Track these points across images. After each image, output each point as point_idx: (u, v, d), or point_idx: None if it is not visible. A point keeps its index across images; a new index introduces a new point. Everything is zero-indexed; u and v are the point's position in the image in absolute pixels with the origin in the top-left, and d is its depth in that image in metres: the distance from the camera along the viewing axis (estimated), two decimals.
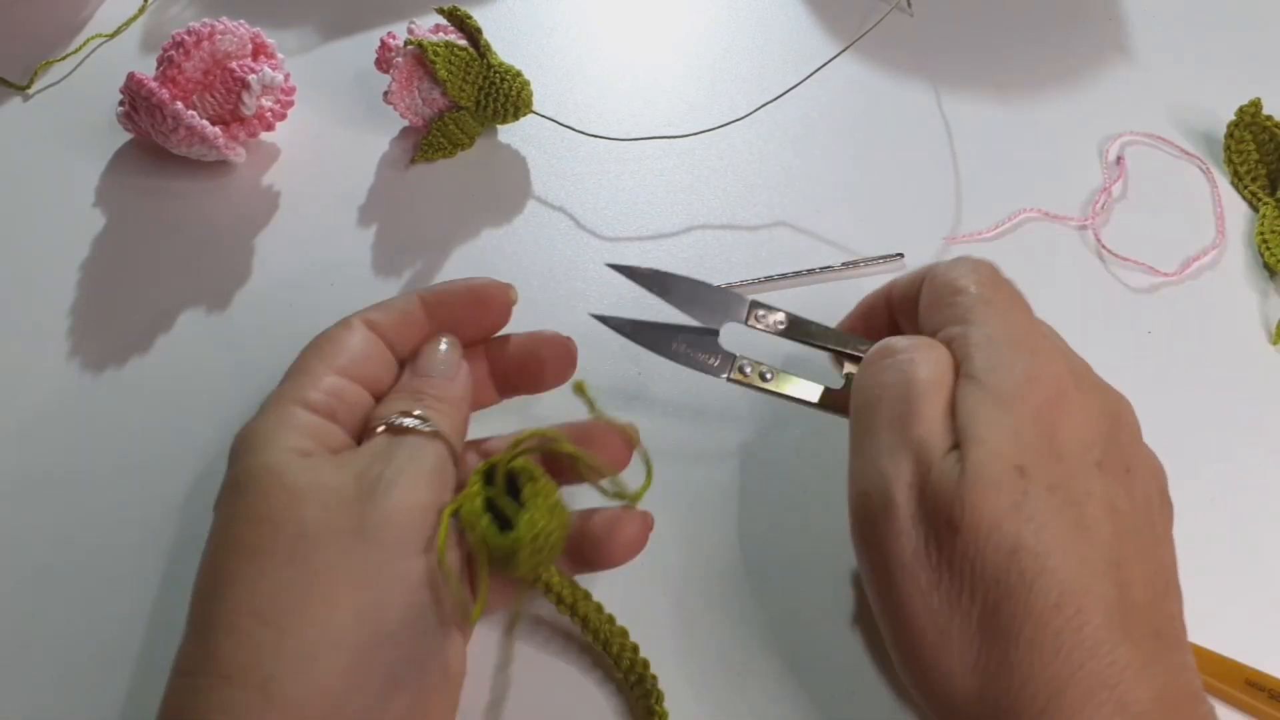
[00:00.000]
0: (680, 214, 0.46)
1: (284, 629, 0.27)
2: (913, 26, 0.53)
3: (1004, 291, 0.33)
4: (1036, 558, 0.26)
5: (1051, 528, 0.27)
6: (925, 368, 0.30)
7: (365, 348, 0.33)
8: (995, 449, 0.27)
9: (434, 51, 0.43)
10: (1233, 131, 0.48)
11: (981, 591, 0.26)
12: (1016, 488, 0.27)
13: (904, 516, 0.28)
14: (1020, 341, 0.30)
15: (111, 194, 0.45)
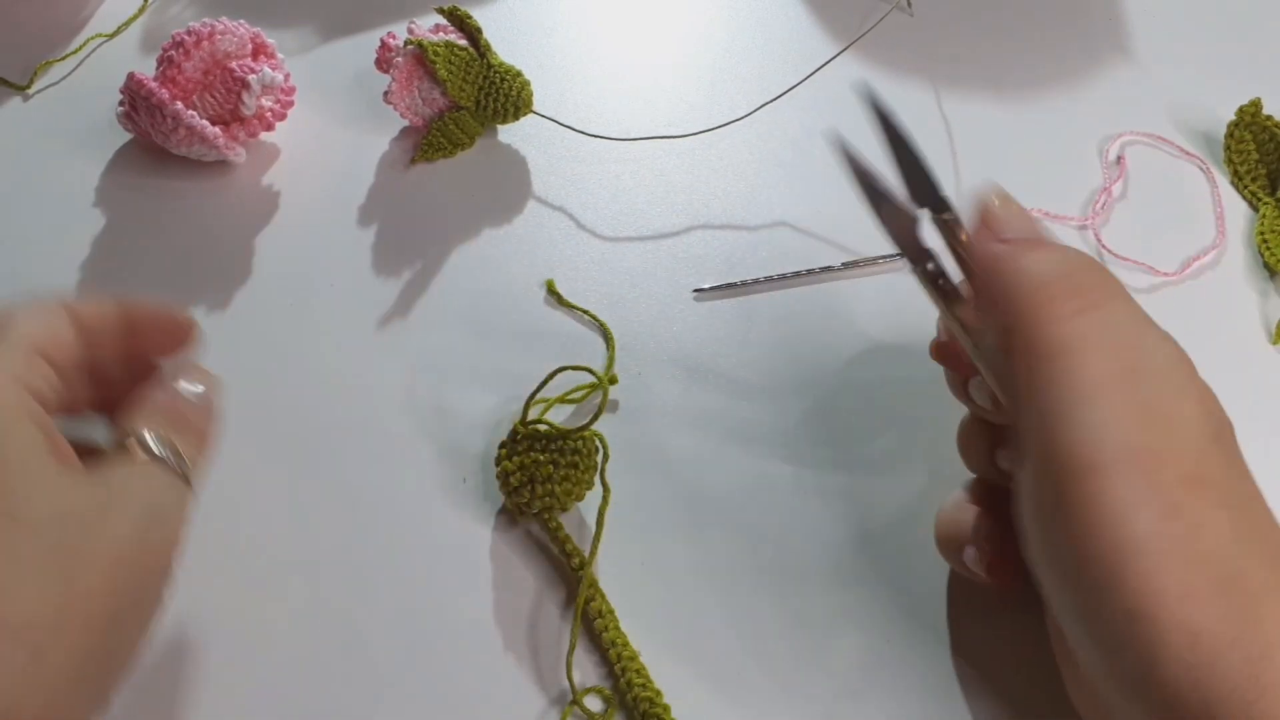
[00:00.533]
0: (680, 214, 0.46)
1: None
2: (913, 26, 0.53)
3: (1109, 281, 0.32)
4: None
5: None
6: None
7: (65, 328, 0.31)
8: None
9: (434, 51, 0.43)
10: (1233, 131, 0.48)
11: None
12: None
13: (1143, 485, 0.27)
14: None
15: (111, 194, 0.45)
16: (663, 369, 0.41)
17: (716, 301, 0.43)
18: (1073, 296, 0.29)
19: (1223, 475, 0.28)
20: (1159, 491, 0.26)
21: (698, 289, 0.43)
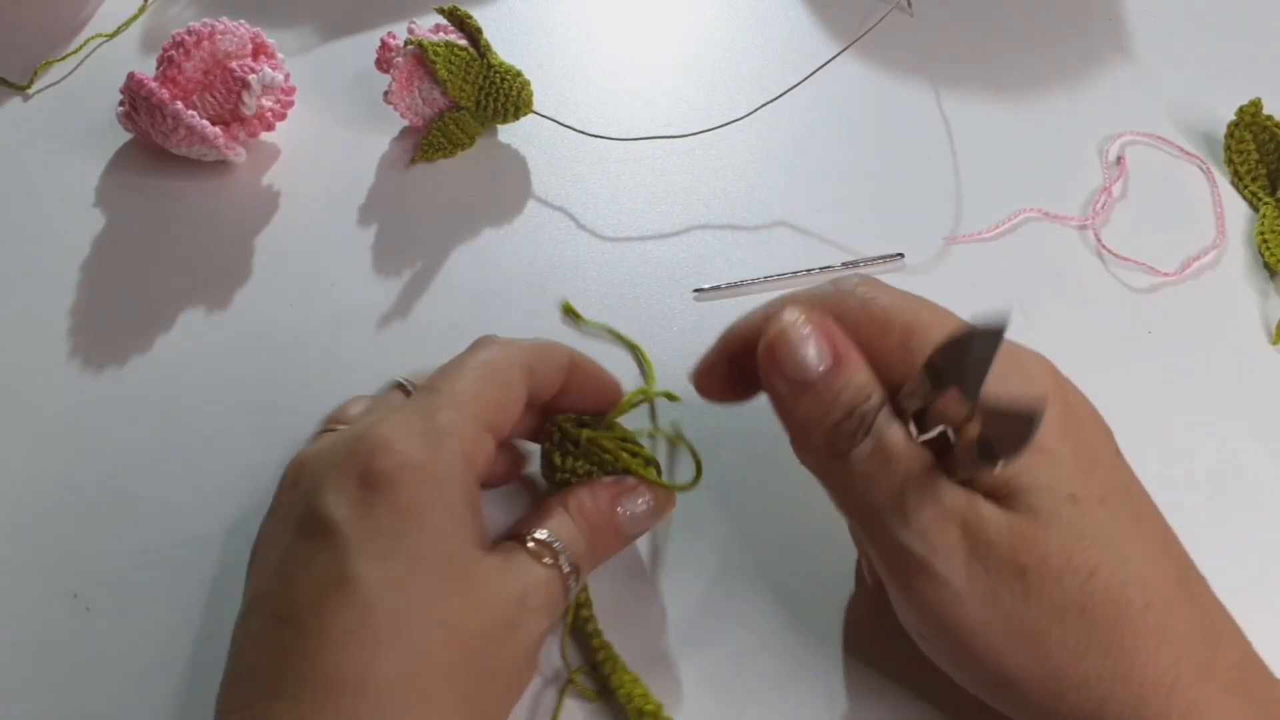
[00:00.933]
0: (680, 214, 0.46)
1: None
2: (913, 26, 0.53)
3: (934, 309, 0.30)
4: (1114, 572, 0.26)
5: (1116, 537, 0.27)
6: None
7: (521, 404, 0.32)
8: (1044, 486, 0.27)
9: (434, 51, 0.43)
10: (1233, 131, 0.48)
11: (1069, 618, 0.26)
12: (1074, 515, 0.27)
13: (958, 583, 0.27)
14: (1006, 365, 0.28)
15: (111, 194, 0.45)
16: (663, 369, 0.41)
17: (716, 301, 0.43)
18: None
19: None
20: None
21: (698, 289, 0.43)
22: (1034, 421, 0.24)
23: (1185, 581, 0.28)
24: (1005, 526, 0.26)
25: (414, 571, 0.27)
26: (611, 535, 0.32)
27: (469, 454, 0.29)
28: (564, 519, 0.31)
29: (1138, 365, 0.42)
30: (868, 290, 0.30)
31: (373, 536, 0.27)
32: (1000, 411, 0.25)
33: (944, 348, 0.27)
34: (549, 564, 0.30)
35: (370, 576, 0.26)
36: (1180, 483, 0.39)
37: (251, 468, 0.38)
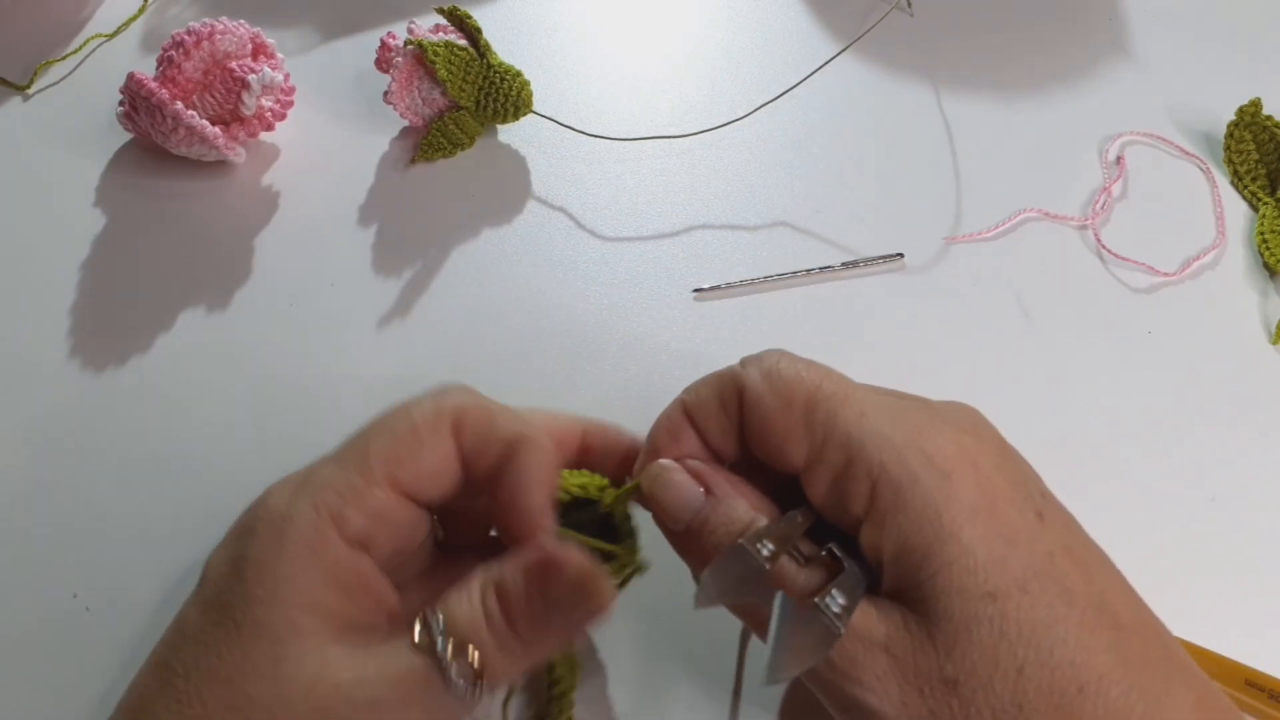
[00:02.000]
0: (680, 214, 0.46)
1: None
2: (913, 26, 0.53)
3: (837, 379, 0.28)
4: (1042, 664, 0.25)
5: (1043, 623, 0.25)
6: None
7: (443, 464, 0.28)
8: (957, 588, 0.25)
9: (434, 51, 0.43)
10: (1233, 131, 0.48)
11: (1004, 714, 0.25)
12: (994, 614, 0.25)
13: (894, 712, 0.26)
14: (906, 433, 0.27)
15: (111, 194, 0.45)
16: (663, 369, 0.41)
17: (716, 301, 0.43)
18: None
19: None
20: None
21: (698, 289, 0.43)
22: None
23: (1121, 643, 0.26)
24: (928, 642, 0.25)
25: (218, 626, 0.26)
26: (538, 618, 0.27)
27: (341, 511, 0.27)
28: (472, 592, 0.27)
29: (1138, 365, 0.42)
30: (774, 362, 0.29)
31: (209, 585, 0.27)
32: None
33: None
34: (425, 650, 0.26)
35: (186, 620, 0.27)
36: (1180, 483, 0.39)
37: (251, 468, 0.38)
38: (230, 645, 0.26)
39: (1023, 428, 0.40)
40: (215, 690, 0.25)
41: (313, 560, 0.26)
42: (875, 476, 0.26)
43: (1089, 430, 0.40)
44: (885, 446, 0.26)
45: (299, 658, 0.26)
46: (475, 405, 0.29)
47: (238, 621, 0.26)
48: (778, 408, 0.28)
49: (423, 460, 0.28)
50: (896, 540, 0.26)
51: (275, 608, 0.26)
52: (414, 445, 0.28)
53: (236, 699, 0.25)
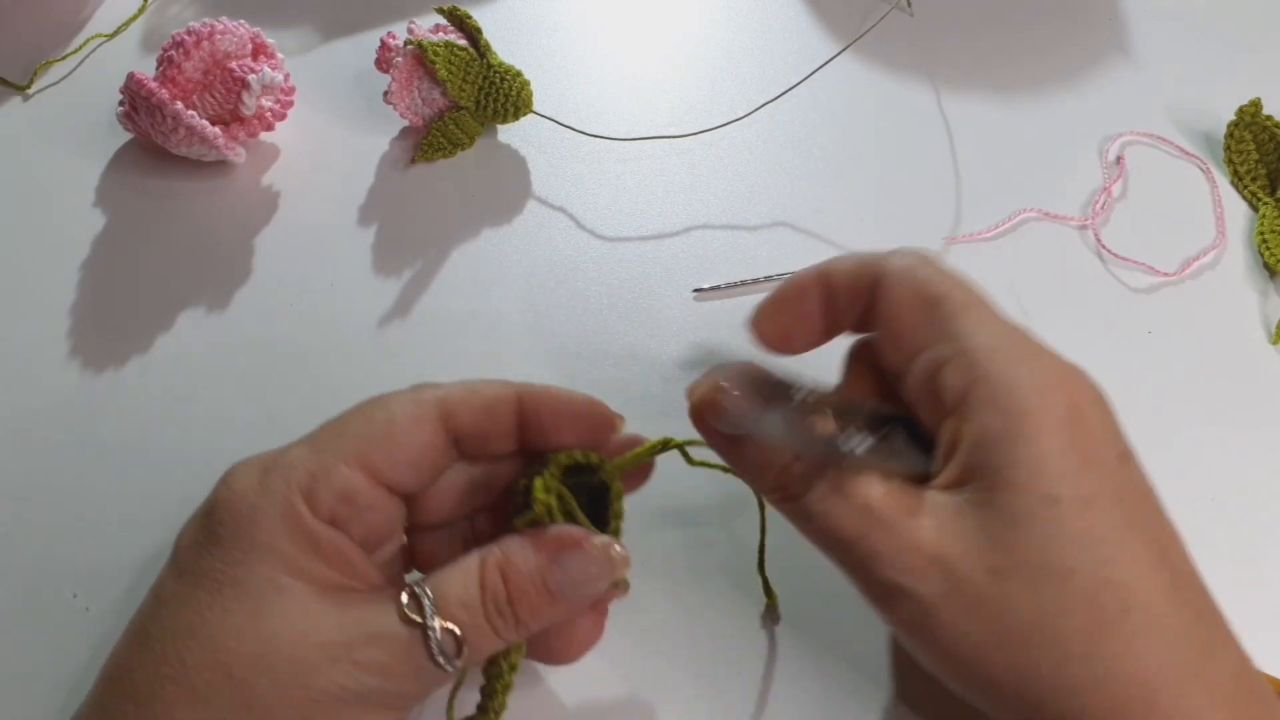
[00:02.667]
0: (680, 214, 0.46)
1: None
2: (913, 26, 0.53)
3: (973, 291, 0.29)
4: (1091, 575, 0.25)
5: (1099, 541, 0.26)
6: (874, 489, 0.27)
7: (418, 447, 0.28)
8: (1023, 485, 0.26)
9: (434, 51, 0.43)
10: (1233, 131, 0.48)
11: (1046, 623, 0.25)
12: (1051, 517, 0.26)
13: (934, 600, 0.26)
14: (1018, 351, 0.28)
15: (111, 194, 0.45)
16: (663, 369, 0.41)
17: (716, 301, 0.43)
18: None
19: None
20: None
21: (698, 289, 0.43)
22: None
23: (1177, 589, 0.27)
24: (976, 534, 0.26)
25: (196, 588, 0.26)
26: (542, 599, 0.27)
27: (312, 489, 0.27)
28: (468, 571, 0.27)
29: (1138, 365, 0.42)
30: (916, 259, 0.30)
31: (183, 555, 0.27)
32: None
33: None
34: (412, 620, 0.26)
35: (163, 588, 0.27)
36: (1180, 483, 0.39)
37: None
38: (210, 606, 0.26)
39: None
40: (195, 649, 0.25)
41: (288, 528, 0.27)
42: (976, 374, 0.27)
43: None
44: (995, 351, 0.27)
45: (281, 614, 0.26)
46: (452, 390, 0.29)
47: (218, 582, 0.26)
48: (906, 297, 0.29)
49: (399, 448, 0.28)
50: (976, 431, 0.27)
51: (255, 568, 0.26)
52: (390, 432, 0.28)
53: (218, 656, 0.25)
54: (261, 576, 0.26)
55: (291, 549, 0.26)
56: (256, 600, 0.26)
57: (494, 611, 0.27)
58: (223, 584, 0.26)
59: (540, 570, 0.27)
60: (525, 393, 0.30)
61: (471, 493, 0.31)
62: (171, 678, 0.25)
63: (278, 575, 0.26)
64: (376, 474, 0.28)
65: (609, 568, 0.28)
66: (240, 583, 0.26)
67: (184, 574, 0.27)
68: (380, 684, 0.26)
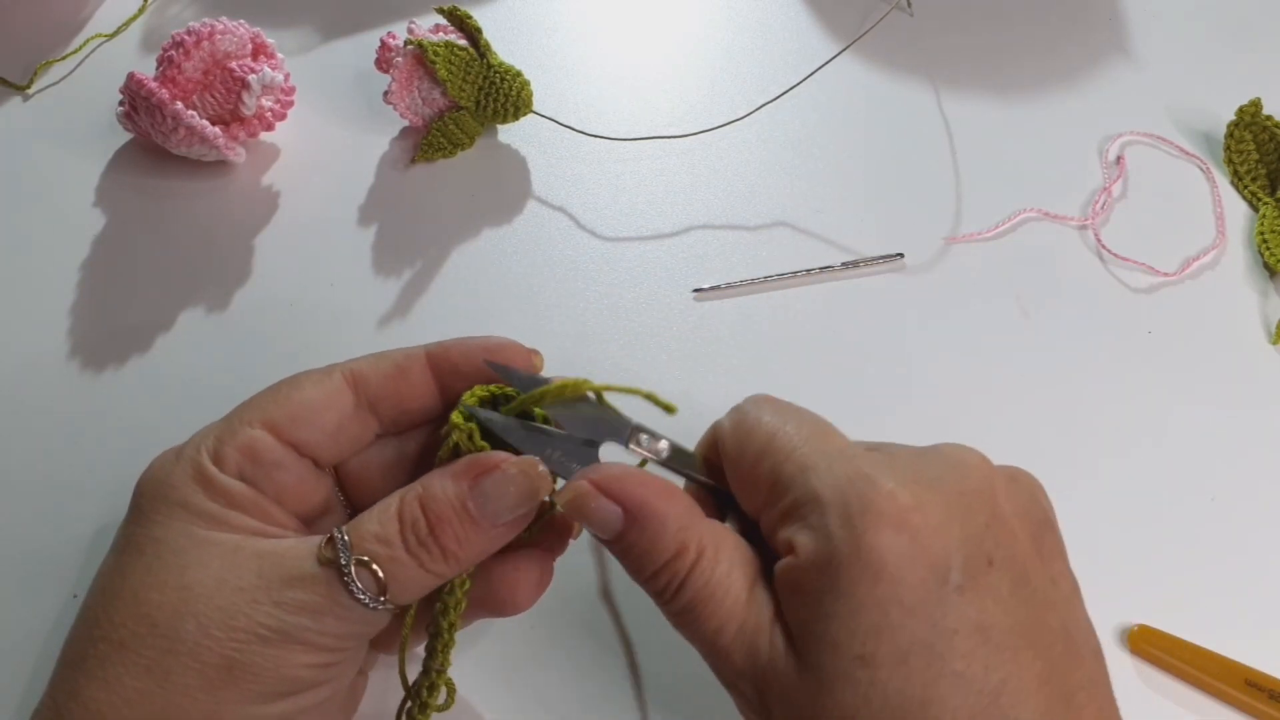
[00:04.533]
0: (680, 214, 0.46)
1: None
2: (913, 26, 0.53)
3: (802, 426, 0.28)
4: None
5: (916, 700, 0.24)
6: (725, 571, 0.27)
7: (323, 407, 0.29)
8: (831, 644, 0.24)
9: (434, 51, 0.43)
10: (1233, 131, 0.48)
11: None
12: (864, 679, 0.24)
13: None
14: (839, 495, 0.25)
15: (111, 194, 0.45)
16: (662, 369, 0.41)
17: (716, 301, 0.43)
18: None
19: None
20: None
21: (698, 289, 0.43)
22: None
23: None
24: (798, 679, 0.25)
25: (122, 555, 0.28)
26: (465, 524, 0.27)
27: (218, 450, 0.28)
28: (386, 508, 0.27)
29: (1138, 365, 0.42)
30: (744, 411, 0.29)
31: (117, 535, 0.29)
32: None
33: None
34: (329, 559, 0.26)
35: (101, 567, 0.29)
36: (1180, 483, 0.39)
37: None
38: (133, 566, 0.27)
39: (1023, 428, 0.40)
40: (121, 608, 0.26)
41: (200, 486, 0.28)
42: (798, 531, 0.26)
43: (1089, 430, 0.40)
44: (814, 502, 0.26)
45: (201, 564, 0.27)
46: (361, 359, 0.30)
47: (139, 545, 0.27)
48: (735, 456, 0.28)
49: (303, 407, 0.29)
50: (799, 581, 0.25)
51: (172, 525, 0.27)
52: (294, 395, 0.29)
53: (142, 609, 0.26)
54: (179, 532, 0.27)
55: (206, 504, 0.27)
56: (176, 554, 0.27)
57: (415, 543, 0.27)
58: (143, 545, 0.27)
59: (459, 496, 0.27)
60: (434, 348, 0.30)
61: (410, 468, 0.31)
62: (103, 637, 0.26)
63: (194, 529, 0.27)
64: (281, 433, 0.29)
65: (530, 486, 0.28)
66: (159, 540, 0.27)
67: (114, 549, 0.28)
68: (305, 622, 0.26)
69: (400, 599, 0.27)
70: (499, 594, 0.30)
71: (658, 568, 0.26)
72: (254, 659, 0.26)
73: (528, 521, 0.29)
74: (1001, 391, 0.41)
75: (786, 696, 0.25)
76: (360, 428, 0.30)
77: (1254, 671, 0.34)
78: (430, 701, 0.29)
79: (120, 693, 0.25)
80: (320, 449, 0.30)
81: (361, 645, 0.29)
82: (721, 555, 0.27)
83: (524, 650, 0.35)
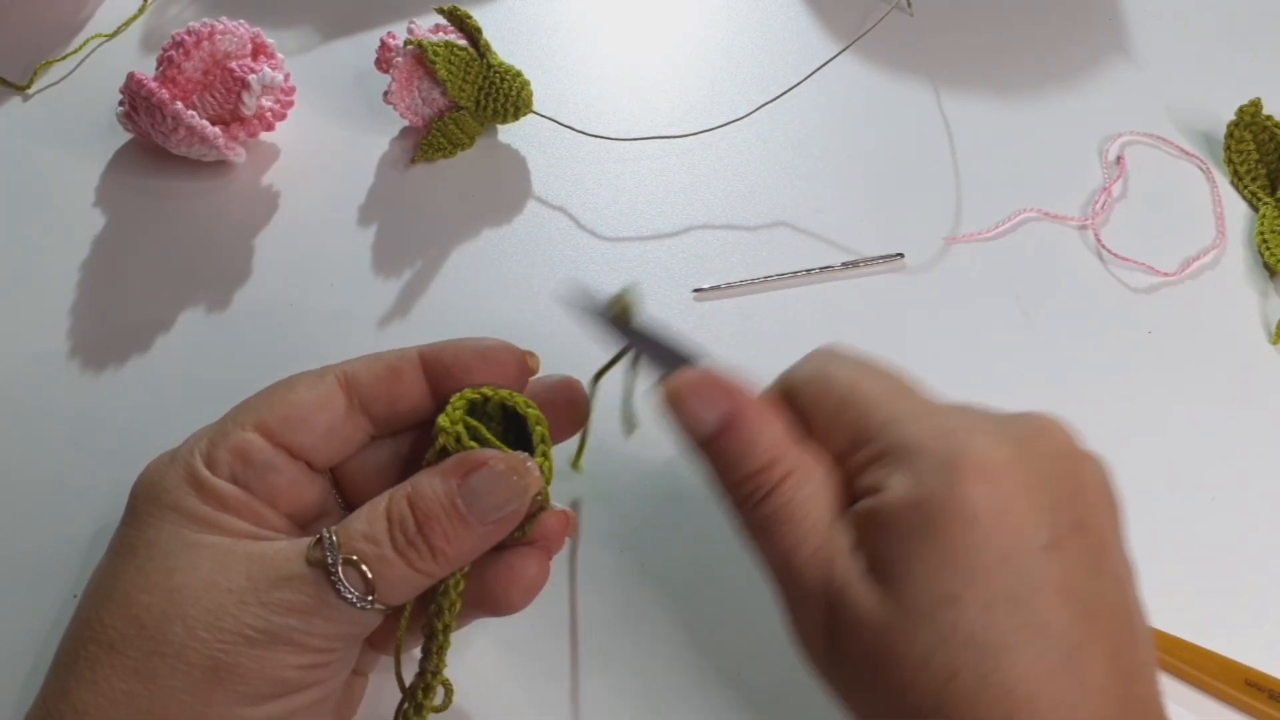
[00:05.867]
0: (680, 214, 0.46)
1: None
2: (913, 26, 0.53)
3: (887, 377, 0.28)
4: (976, 679, 0.24)
5: (994, 645, 0.24)
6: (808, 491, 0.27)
7: (316, 409, 0.29)
8: (924, 581, 0.25)
9: (434, 51, 0.43)
10: (1233, 131, 0.48)
11: (919, 711, 0.24)
12: (947, 618, 0.24)
13: (817, 655, 0.26)
14: (934, 442, 0.26)
15: (111, 194, 0.45)
16: None
17: (716, 301, 0.43)
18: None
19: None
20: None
21: (698, 289, 0.43)
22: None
23: (1086, 691, 0.24)
24: (871, 616, 0.25)
25: (115, 558, 0.28)
26: (453, 521, 0.27)
27: (210, 454, 0.28)
28: (374, 507, 0.28)
29: (1137, 365, 0.42)
30: (821, 361, 0.29)
31: (112, 539, 0.29)
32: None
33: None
34: (318, 560, 0.26)
35: (96, 569, 0.29)
36: (1180, 483, 0.39)
37: None
38: (125, 568, 0.27)
39: None
40: (112, 609, 0.27)
41: (193, 489, 0.28)
42: (889, 474, 0.26)
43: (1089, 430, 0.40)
44: (904, 451, 0.26)
45: (191, 567, 0.27)
46: (354, 360, 0.30)
47: (131, 547, 0.27)
48: (811, 407, 0.28)
49: (296, 409, 0.29)
50: (889, 516, 0.26)
51: (164, 528, 0.27)
52: (286, 397, 0.29)
53: (131, 610, 0.26)
54: (170, 534, 0.27)
55: (198, 507, 0.28)
56: (167, 557, 0.27)
57: (404, 542, 0.27)
58: (136, 548, 0.27)
59: (448, 494, 0.27)
60: (427, 349, 0.30)
61: (405, 469, 0.31)
62: (93, 639, 0.26)
63: (186, 532, 0.27)
64: (274, 435, 0.29)
65: (519, 483, 0.28)
66: (151, 543, 0.27)
67: (109, 552, 0.28)
68: (292, 623, 0.26)
69: (390, 599, 0.27)
70: (494, 593, 0.30)
71: (745, 476, 0.27)
72: (241, 660, 0.26)
73: (518, 519, 0.29)
74: (1001, 391, 0.41)
75: (859, 625, 0.25)
76: (353, 429, 0.30)
77: (1254, 671, 0.34)
78: (426, 702, 0.29)
79: (108, 694, 0.26)
80: (313, 451, 0.30)
81: (352, 647, 0.28)
82: (809, 479, 0.27)
83: (524, 650, 0.35)
